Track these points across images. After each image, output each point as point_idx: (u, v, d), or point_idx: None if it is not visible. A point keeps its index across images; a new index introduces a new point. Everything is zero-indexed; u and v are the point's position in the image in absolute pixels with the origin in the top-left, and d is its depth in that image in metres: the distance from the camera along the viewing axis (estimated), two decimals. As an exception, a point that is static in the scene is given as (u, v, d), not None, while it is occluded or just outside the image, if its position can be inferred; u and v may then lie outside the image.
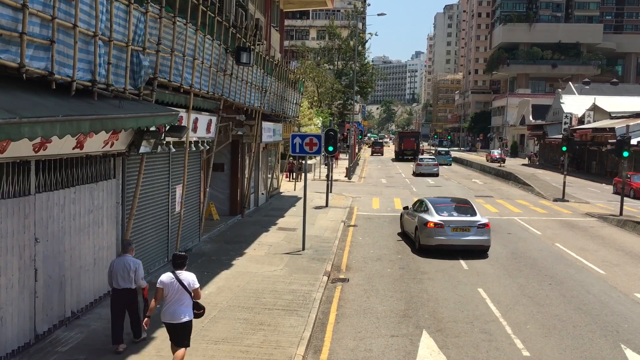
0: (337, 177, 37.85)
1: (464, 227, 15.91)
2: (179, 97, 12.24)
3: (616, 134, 36.47)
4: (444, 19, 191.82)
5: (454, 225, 15.87)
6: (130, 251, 8.62)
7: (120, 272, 8.36)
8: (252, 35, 17.43)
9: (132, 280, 8.39)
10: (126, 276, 8.37)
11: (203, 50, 13.19)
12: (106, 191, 10.36)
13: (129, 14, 9.45)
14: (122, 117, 8.58)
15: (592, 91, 66.19)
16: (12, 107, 6.16)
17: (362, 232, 19.74)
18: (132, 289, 8.44)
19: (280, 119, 24.68)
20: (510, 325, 10.38)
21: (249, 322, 9.82)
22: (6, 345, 7.77)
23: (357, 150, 60.94)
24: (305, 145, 15.73)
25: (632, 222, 21.70)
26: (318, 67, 59.85)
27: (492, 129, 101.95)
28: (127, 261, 8.44)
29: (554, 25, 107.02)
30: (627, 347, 9.48)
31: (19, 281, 7.99)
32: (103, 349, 8.43)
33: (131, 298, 8.48)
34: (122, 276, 8.37)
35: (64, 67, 7.82)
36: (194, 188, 15.27)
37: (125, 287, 8.39)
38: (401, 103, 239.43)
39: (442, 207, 16.76)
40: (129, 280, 8.38)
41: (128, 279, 8.38)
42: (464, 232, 15.90)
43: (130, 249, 8.64)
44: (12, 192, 7.83)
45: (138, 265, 8.49)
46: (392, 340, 9.54)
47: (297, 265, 13.99)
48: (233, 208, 20.38)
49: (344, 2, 77.39)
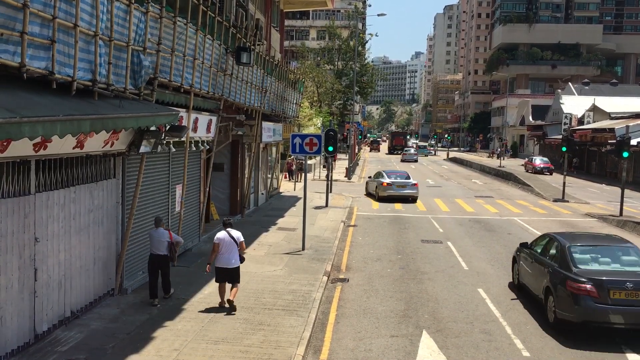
0: (337, 177, 37.85)
1: (403, 185, 27.98)
2: (179, 97, 12.24)
3: (616, 134, 36.47)
4: (443, 19, 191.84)
5: (397, 183, 28.04)
6: (162, 225, 10.59)
7: (155, 242, 10.47)
8: (253, 36, 17.43)
9: (165, 248, 10.38)
10: (159, 245, 10.40)
11: (203, 50, 13.19)
12: (106, 191, 10.36)
13: (129, 14, 9.45)
14: (122, 116, 8.58)
15: (591, 92, 66.23)
16: (12, 107, 6.16)
17: (362, 232, 19.74)
18: (164, 255, 10.43)
19: (280, 119, 24.68)
20: (510, 325, 10.38)
21: (249, 322, 9.82)
22: (6, 345, 7.77)
23: (356, 150, 60.94)
24: (305, 145, 15.72)
25: (632, 223, 21.71)
26: (318, 68, 59.85)
27: (492, 130, 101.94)
28: (160, 234, 10.46)
29: (554, 25, 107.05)
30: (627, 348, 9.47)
31: (18, 281, 7.99)
32: (103, 348, 8.44)
33: (163, 262, 10.51)
34: (155, 245, 10.47)
35: (64, 67, 7.83)
36: (194, 188, 15.26)
37: (158, 253, 10.43)
38: (401, 103, 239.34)
39: (391, 175, 29.31)
40: (162, 248, 10.39)
41: (161, 248, 10.40)
42: (402, 188, 27.86)
43: (162, 224, 10.63)
44: (12, 191, 7.82)
45: (172, 237, 10.58)
46: (392, 341, 9.54)
47: (297, 265, 13.99)
48: (233, 208, 20.37)
49: (344, 3, 77.33)
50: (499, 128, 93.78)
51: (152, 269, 10.53)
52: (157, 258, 10.49)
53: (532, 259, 11.72)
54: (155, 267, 10.52)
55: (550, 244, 11.41)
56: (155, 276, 10.50)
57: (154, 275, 10.50)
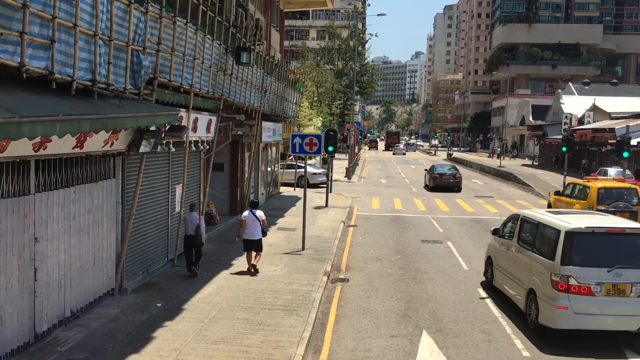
0: (337, 177, 37.84)
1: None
2: (179, 97, 12.24)
3: (616, 134, 36.43)
4: (443, 19, 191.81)
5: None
6: (195, 210, 12.79)
7: (189, 224, 12.60)
8: (252, 35, 17.42)
9: (194, 230, 12.50)
10: (192, 227, 12.55)
11: (203, 50, 13.18)
12: (106, 191, 10.36)
13: (129, 14, 9.44)
14: (122, 116, 8.58)
15: (591, 92, 66.13)
16: (12, 107, 6.16)
17: (362, 232, 19.74)
18: (194, 235, 12.50)
19: (280, 119, 24.67)
20: (510, 325, 10.38)
21: (249, 322, 9.82)
22: (6, 345, 7.77)
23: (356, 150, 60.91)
24: (305, 145, 15.72)
25: (631, 223, 21.67)
26: (318, 67, 59.82)
27: (492, 129, 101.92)
28: (193, 217, 12.63)
29: (554, 25, 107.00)
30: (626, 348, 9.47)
31: (18, 280, 7.99)
32: (102, 348, 8.43)
33: (194, 242, 12.59)
34: (190, 227, 12.57)
35: (64, 67, 7.82)
36: (193, 188, 15.26)
37: (192, 234, 12.54)
38: (401, 103, 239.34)
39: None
40: (193, 230, 12.51)
41: (193, 229, 12.52)
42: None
43: (195, 209, 12.85)
44: (12, 191, 7.82)
45: (201, 220, 12.74)
46: (392, 341, 9.54)
47: (297, 265, 13.99)
48: (233, 208, 20.37)
49: (344, 2, 77.31)
50: (499, 128, 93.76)
51: (187, 247, 12.69)
52: (191, 238, 12.56)
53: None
54: (190, 245, 12.58)
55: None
56: (190, 252, 12.61)
57: (189, 252, 12.62)
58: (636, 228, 9.79)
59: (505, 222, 12.39)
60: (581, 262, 9.30)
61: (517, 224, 11.48)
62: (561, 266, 9.30)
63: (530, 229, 10.99)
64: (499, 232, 12.39)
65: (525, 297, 10.37)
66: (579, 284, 9.17)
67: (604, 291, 9.15)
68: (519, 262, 10.96)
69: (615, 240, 9.66)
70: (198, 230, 12.53)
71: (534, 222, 10.84)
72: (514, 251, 11.31)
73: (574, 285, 9.18)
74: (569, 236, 9.43)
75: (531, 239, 10.79)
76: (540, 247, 10.24)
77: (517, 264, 11.02)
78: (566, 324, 9.26)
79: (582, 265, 9.28)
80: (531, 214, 11.30)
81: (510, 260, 11.41)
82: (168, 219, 13.36)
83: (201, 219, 12.77)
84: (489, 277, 12.75)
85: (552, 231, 9.91)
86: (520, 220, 11.38)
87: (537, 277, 9.95)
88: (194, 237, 12.53)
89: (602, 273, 9.17)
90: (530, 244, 10.75)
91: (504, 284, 11.70)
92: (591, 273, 9.19)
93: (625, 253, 9.48)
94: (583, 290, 9.17)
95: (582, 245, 9.47)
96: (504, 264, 11.73)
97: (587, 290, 9.16)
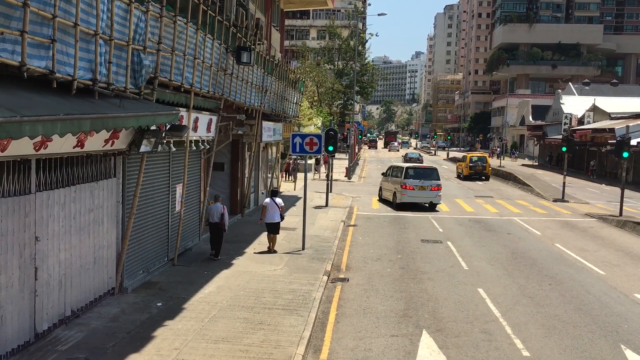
0: (337, 177, 37.83)
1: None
2: (180, 97, 12.24)
3: (616, 134, 36.44)
4: (444, 19, 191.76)
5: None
6: (219, 200, 14.33)
7: (214, 213, 14.09)
8: (253, 35, 17.43)
9: (219, 218, 14.02)
10: (217, 215, 14.05)
11: (204, 50, 13.18)
12: (107, 190, 10.36)
13: (129, 13, 9.45)
14: (122, 116, 8.58)
15: (592, 92, 66.19)
16: (13, 106, 6.16)
17: (362, 231, 19.75)
18: (218, 223, 14.03)
19: (281, 118, 24.67)
20: (510, 325, 10.39)
21: (249, 321, 9.82)
22: (6, 344, 7.77)
23: (357, 150, 60.92)
24: (305, 145, 15.73)
25: (631, 223, 21.72)
26: (318, 67, 59.82)
27: (492, 130, 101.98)
28: (217, 207, 14.14)
29: (554, 25, 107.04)
30: (627, 348, 9.49)
31: (19, 280, 7.99)
32: (103, 347, 8.44)
33: (219, 229, 14.11)
34: (215, 215, 14.07)
35: (64, 66, 7.82)
36: (194, 187, 15.26)
37: (216, 221, 14.04)
38: (401, 103, 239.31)
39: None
40: (218, 218, 14.02)
41: (217, 218, 14.04)
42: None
43: (219, 199, 14.41)
44: (13, 190, 7.82)
45: (225, 209, 14.27)
46: (392, 340, 9.54)
47: (297, 265, 14.00)
48: (233, 207, 20.36)
49: (344, 2, 77.28)
50: (499, 128, 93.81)
51: (212, 233, 14.19)
52: (215, 225, 14.06)
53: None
54: (215, 231, 14.09)
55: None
56: (215, 237, 14.13)
57: (214, 236, 14.15)
58: (428, 166, 27.57)
59: (386, 170, 28.59)
60: (410, 178, 25.14)
61: (390, 169, 27.96)
62: (404, 179, 25.12)
63: (395, 169, 27.16)
64: (385, 174, 28.50)
65: (392, 194, 26.23)
66: (408, 185, 24.89)
67: (418, 188, 24.96)
68: (390, 182, 27.02)
69: (421, 170, 26.14)
70: (222, 218, 14.06)
71: (396, 166, 27.58)
72: (389, 180, 27.37)
73: (408, 186, 24.89)
74: (406, 169, 25.73)
75: (395, 173, 26.80)
76: (397, 175, 26.17)
77: (390, 183, 27.02)
78: (404, 200, 25.01)
79: (410, 179, 25.08)
80: (395, 164, 29.00)
81: (388, 182, 27.45)
82: (168, 218, 13.36)
83: (225, 208, 14.28)
84: (380, 195, 28.71)
85: (401, 168, 26.26)
86: (391, 167, 28.09)
87: (396, 186, 25.84)
88: (219, 224, 14.02)
89: (417, 182, 25.01)
90: (394, 175, 26.72)
91: (384, 195, 27.91)
92: (413, 182, 24.98)
93: (424, 174, 25.43)
94: (410, 188, 24.90)
95: (409, 173, 25.40)
96: (385, 186, 27.91)
97: (412, 188, 24.93)
